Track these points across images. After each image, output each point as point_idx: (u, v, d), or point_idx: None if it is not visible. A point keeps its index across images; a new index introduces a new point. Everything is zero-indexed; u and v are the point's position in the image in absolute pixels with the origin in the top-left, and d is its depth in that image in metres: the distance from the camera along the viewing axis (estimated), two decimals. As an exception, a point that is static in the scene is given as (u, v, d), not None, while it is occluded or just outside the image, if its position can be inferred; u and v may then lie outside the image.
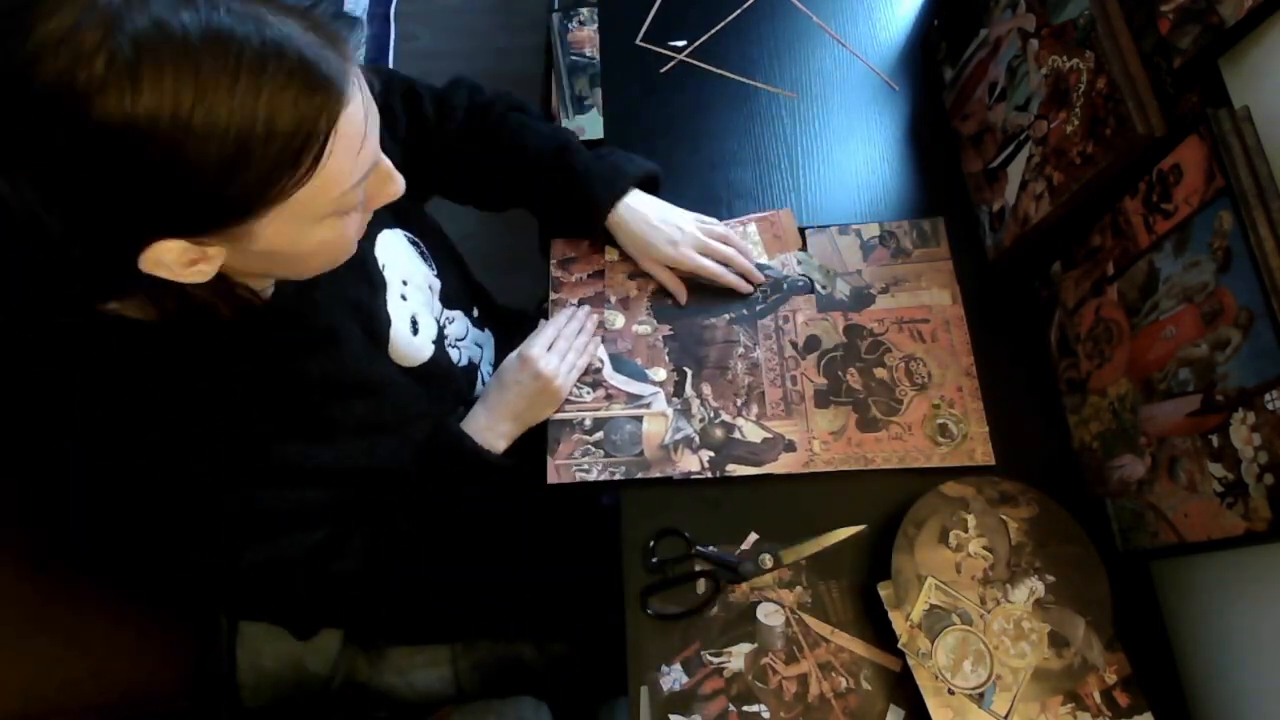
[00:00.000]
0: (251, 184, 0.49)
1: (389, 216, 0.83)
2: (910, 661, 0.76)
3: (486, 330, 0.97)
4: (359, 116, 0.52)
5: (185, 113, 0.44)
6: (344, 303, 0.73)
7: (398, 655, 1.01)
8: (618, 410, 0.89)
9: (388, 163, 0.60)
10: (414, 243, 0.87)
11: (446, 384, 0.86)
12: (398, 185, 0.62)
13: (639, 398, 0.89)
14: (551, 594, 1.03)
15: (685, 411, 0.88)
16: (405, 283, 0.82)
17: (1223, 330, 0.67)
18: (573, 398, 0.89)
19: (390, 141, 0.84)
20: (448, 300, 0.89)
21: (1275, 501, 0.63)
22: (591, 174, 0.89)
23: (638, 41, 1.10)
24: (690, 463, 0.86)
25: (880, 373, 0.90)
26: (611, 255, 0.96)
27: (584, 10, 1.61)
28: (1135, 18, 0.75)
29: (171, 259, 0.51)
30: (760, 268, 0.95)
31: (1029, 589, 0.79)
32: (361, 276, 0.77)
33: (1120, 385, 0.79)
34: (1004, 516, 0.82)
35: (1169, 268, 0.72)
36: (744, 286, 0.93)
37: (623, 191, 0.90)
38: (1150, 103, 0.72)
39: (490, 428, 0.83)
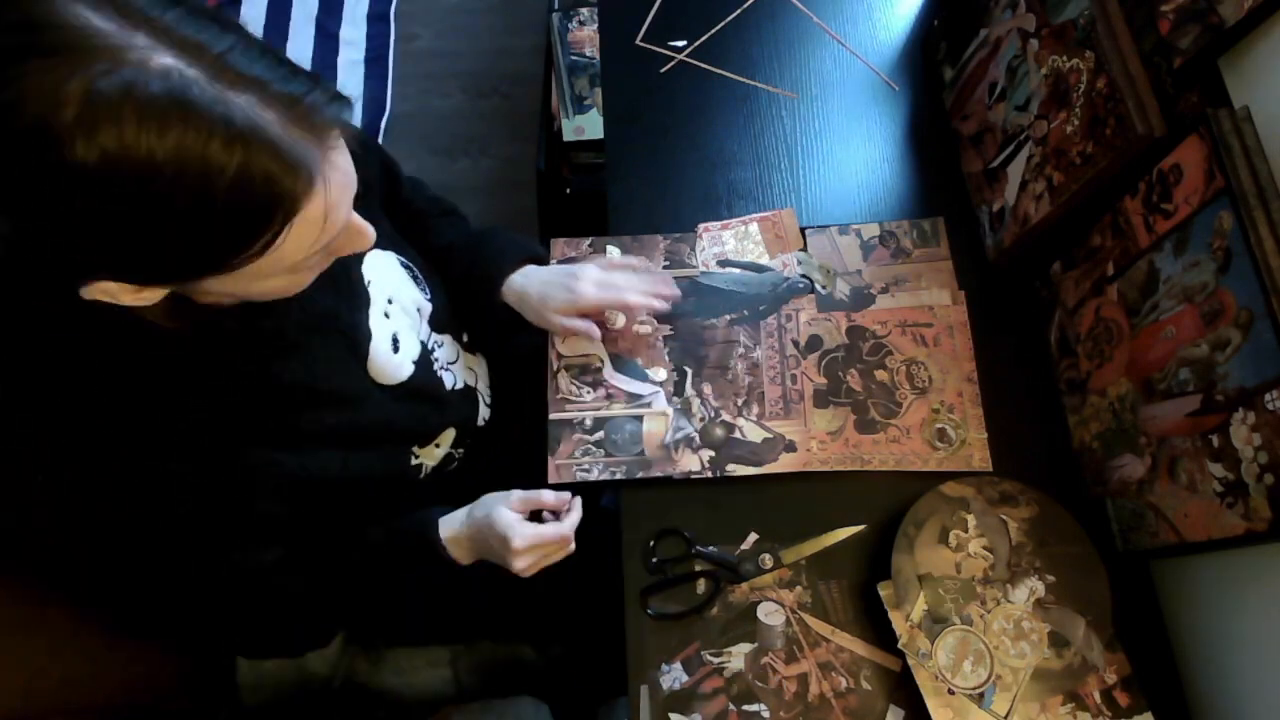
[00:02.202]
0: (197, 257, 0.51)
1: (382, 240, 0.83)
2: (910, 661, 0.76)
3: (479, 355, 0.96)
4: (320, 210, 0.52)
5: (144, 168, 0.45)
6: (318, 312, 0.72)
7: (398, 655, 1.01)
8: (618, 410, 0.89)
9: (359, 221, 0.60)
10: (406, 266, 0.86)
11: (429, 404, 0.84)
12: (367, 240, 0.62)
13: (639, 397, 0.89)
14: (551, 594, 1.03)
15: (685, 411, 0.88)
16: (390, 301, 0.81)
17: (1223, 330, 0.67)
18: (572, 397, 0.89)
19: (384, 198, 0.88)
20: (438, 324, 0.88)
21: (1275, 501, 0.63)
22: (481, 259, 0.92)
23: (638, 41, 1.10)
24: (691, 462, 0.86)
25: (881, 375, 0.90)
26: (613, 255, 0.96)
27: (584, 10, 1.62)
28: (1135, 18, 0.75)
29: (114, 290, 0.52)
30: (760, 268, 0.95)
31: (1029, 589, 0.79)
32: (342, 289, 0.76)
33: (1120, 385, 0.79)
34: (1004, 516, 0.82)
35: (1169, 268, 0.72)
36: (657, 304, 0.89)
37: (506, 269, 0.91)
38: (1150, 103, 0.72)
39: (459, 548, 0.81)
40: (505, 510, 0.78)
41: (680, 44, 1.09)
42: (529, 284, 0.90)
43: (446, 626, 1.02)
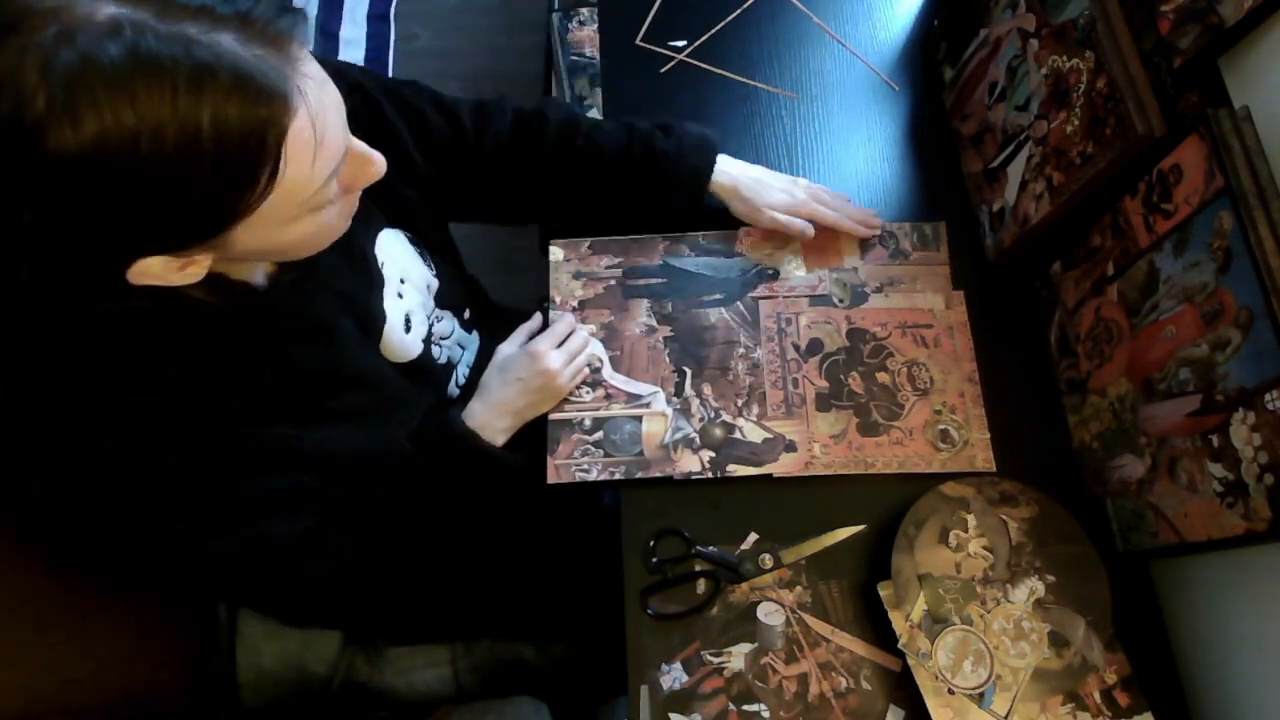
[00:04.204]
0: (211, 203, 0.50)
1: (389, 217, 0.84)
2: (910, 661, 0.76)
3: (474, 333, 0.97)
4: (308, 121, 0.52)
5: (129, 138, 0.45)
6: (339, 296, 0.73)
7: (398, 655, 1.01)
8: (617, 410, 0.89)
9: (361, 146, 0.60)
10: (414, 243, 0.87)
11: (430, 379, 0.87)
12: (378, 166, 0.61)
13: (639, 397, 0.89)
14: (551, 594, 1.03)
15: (685, 411, 0.88)
16: (403, 280, 0.83)
17: (1223, 330, 0.67)
18: (572, 397, 0.89)
19: (415, 149, 0.85)
20: (441, 300, 0.90)
21: (1275, 501, 0.63)
22: (684, 149, 0.91)
23: (638, 41, 1.10)
24: (690, 463, 0.86)
25: (882, 377, 0.90)
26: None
27: (584, 10, 1.61)
28: (1135, 18, 0.75)
29: (158, 269, 0.53)
30: (729, 253, 0.95)
31: (1029, 589, 0.79)
32: (360, 271, 0.77)
33: (1120, 385, 0.79)
34: (1004, 516, 0.82)
35: (1169, 268, 0.72)
36: (864, 231, 0.94)
37: (715, 156, 0.92)
38: (1150, 103, 0.72)
39: (489, 423, 0.84)
40: (504, 344, 0.90)
41: (680, 44, 1.09)
42: (742, 178, 0.92)
43: (446, 626, 1.02)
